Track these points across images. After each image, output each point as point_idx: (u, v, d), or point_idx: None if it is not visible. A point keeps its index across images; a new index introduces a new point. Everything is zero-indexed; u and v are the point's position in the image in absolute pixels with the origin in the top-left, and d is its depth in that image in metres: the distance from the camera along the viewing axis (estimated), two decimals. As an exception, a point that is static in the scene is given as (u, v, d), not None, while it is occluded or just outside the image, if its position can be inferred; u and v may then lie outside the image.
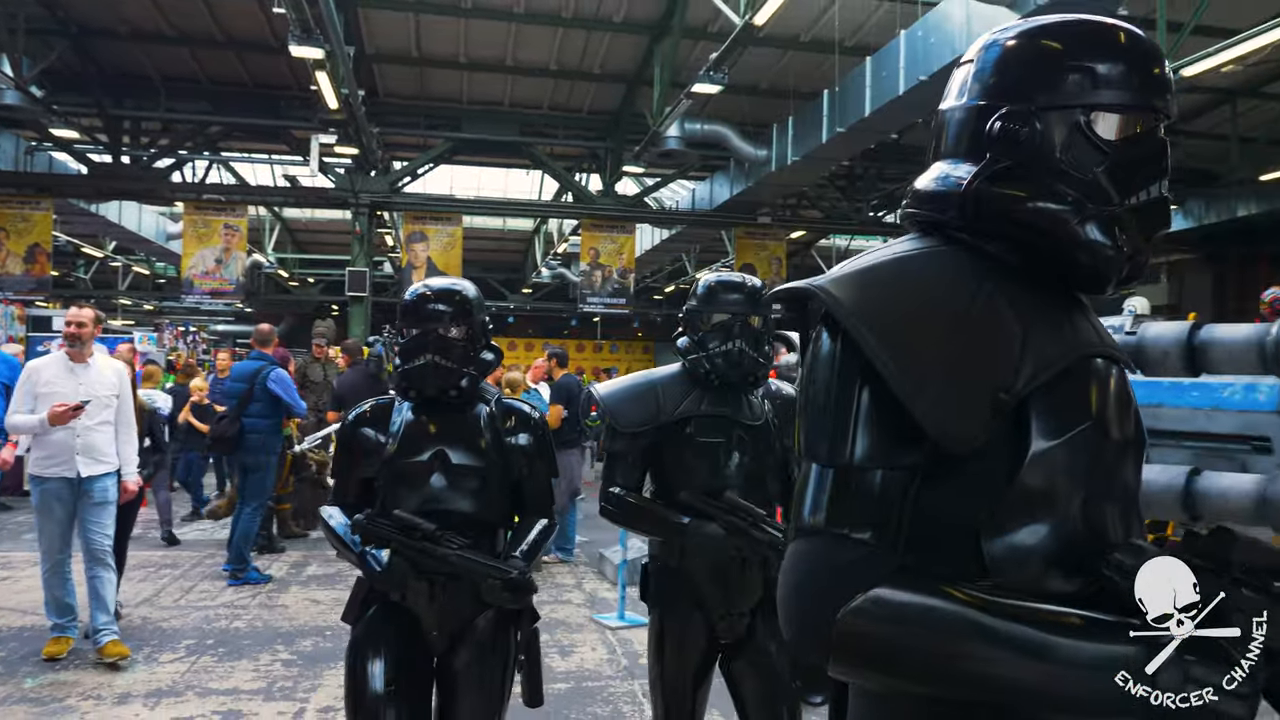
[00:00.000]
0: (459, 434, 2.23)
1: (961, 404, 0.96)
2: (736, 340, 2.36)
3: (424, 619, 2.17)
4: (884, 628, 0.90)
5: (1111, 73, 1.03)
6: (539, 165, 15.63)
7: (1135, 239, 1.04)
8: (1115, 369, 1.09)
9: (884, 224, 17.72)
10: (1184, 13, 9.44)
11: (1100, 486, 1.02)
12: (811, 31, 11.59)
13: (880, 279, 1.04)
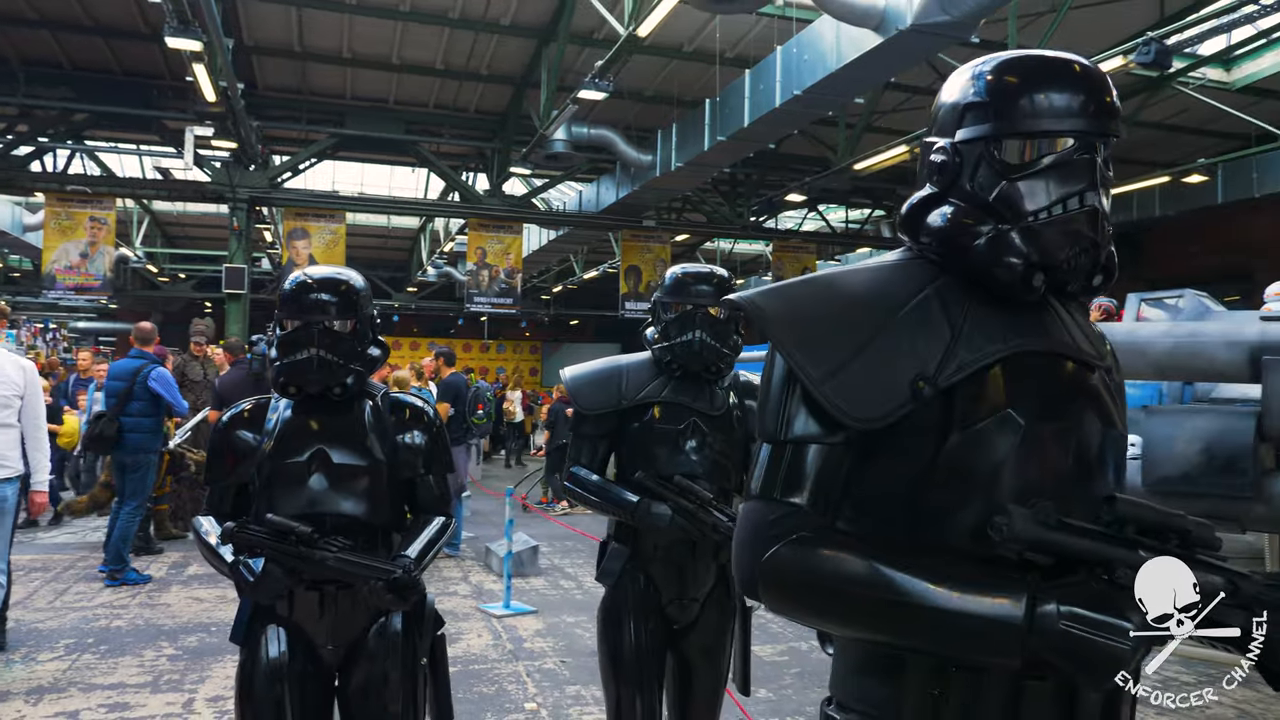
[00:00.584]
0: (342, 432, 2.09)
1: (868, 391, 1.10)
2: (697, 331, 2.39)
3: (315, 633, 2.04)
4: (796, 571, 1.07)
5: (1013, 103, 1.15)
6: (425, 163, 15.57)
7: (1051, 250, 1.13)
8: (1065, 364, 1.18)
9: (765, 229, 18.38)
10: (1033, 39, 10.25)
11: (1017, 467, 1.09)
12: (694, 42, 11.99)
13: (806, 289, 1.21)
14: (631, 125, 14.07)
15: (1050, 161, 1.14)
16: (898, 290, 1.18)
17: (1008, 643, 0.96)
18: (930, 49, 8.70)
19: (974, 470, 1.10)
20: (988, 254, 1.15)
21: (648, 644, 2.37)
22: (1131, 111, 14.15)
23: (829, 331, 1.14)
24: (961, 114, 1.21)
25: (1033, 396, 1.13)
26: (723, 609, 2.44)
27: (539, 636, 5.26)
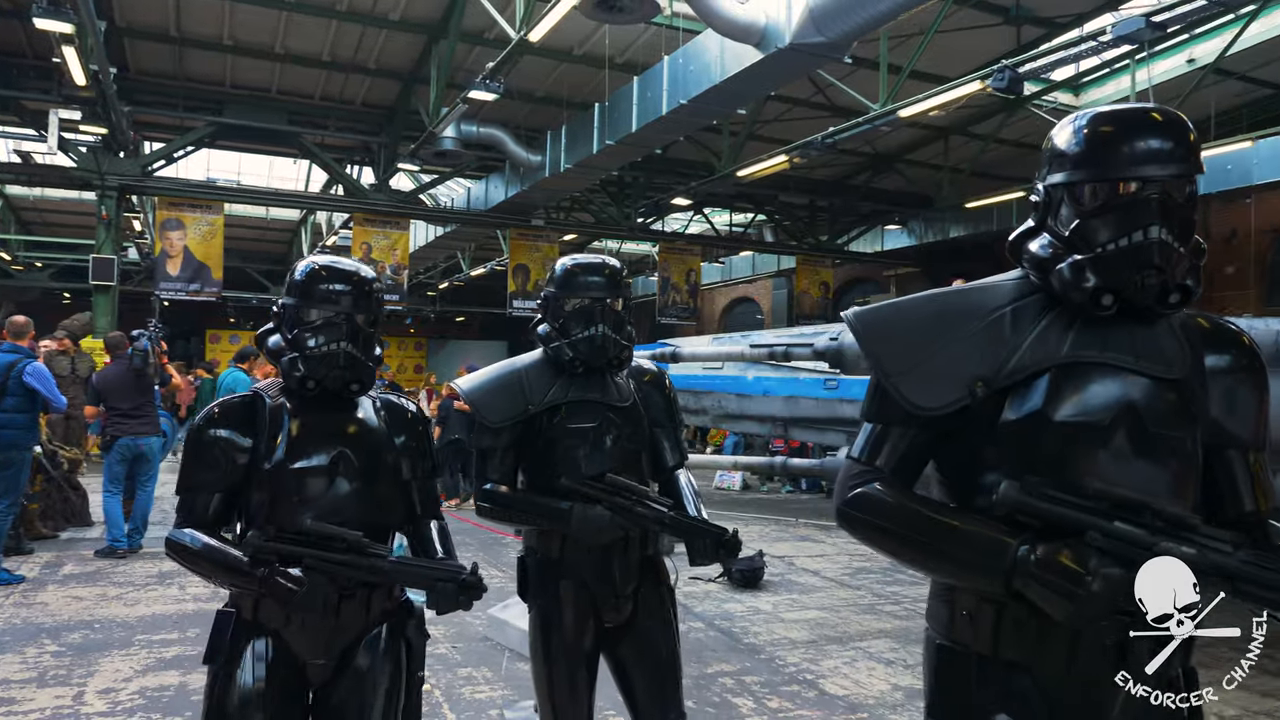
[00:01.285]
0: (358, 433, 2.00)
1: (932, 386, 1.40)
2: (599, 325, 2.32)
3: (307, 648, 1.90)
4: (863, 509, 1.42)
5: (1081, 155, 1.38)
6: (309, 156, 15.27)
7: (1117, 275, 1.34)
8: (1117, 374, 1.37)
9: (651, 230, 18.77)
10: (902, 58, 10.93)
11: (1038, 455, 1.34)
12: (584, 46, 12.23)
13: (895, 306, 1.53)
14: (521, 125, 14.21)
15: (1116, 202, 1.36)
16: (977, 307, 1.46)
17: (995, 572, 1.27)
18: (808, 66, 9.21)
19: (1011, 457, 1.36)
20: (1067, 278, 1.39)
21: (583, 650, 2.31)
22: (991, 130, 15.18)
23: (910, 338, 1.45)
24: (1050, 162, 1.45)
25: (1070, 400, 1.36)
26: (658, 599, 2.38)
27: (430, 625, 5.38)
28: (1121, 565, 1.20)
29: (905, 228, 19.36)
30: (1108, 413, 1.35)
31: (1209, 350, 1.44)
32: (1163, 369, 1.38)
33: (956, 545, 1.33)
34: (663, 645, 2.36)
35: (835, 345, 4.79)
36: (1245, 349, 1.46)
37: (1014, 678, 1.37)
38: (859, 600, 6.17)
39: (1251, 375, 1.45)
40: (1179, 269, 1.35)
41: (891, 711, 4.05)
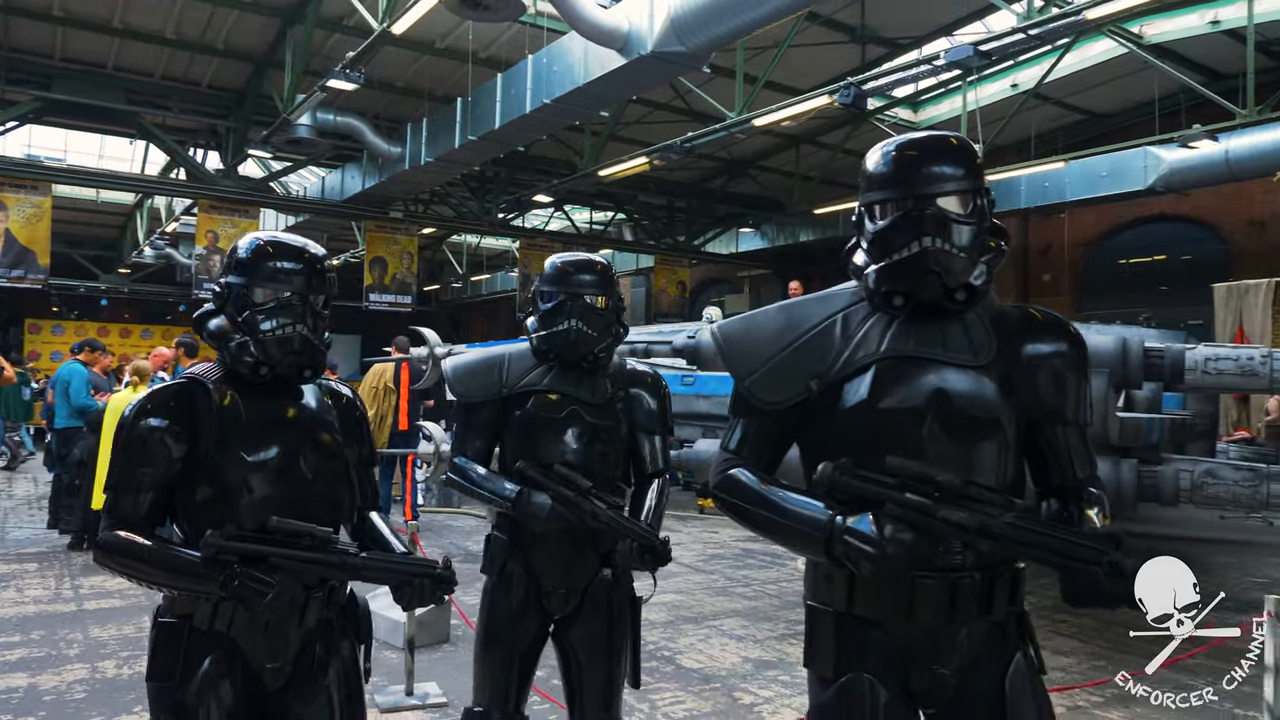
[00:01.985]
0: (312, 422, 1.91)
1: (776, 383, 1.67)
2: (573, 320, 2.37)
3: (268, 653, 1.81)
4: (724, 491, 1.67)
5: (874, 178, 1.63)
6: (147, 136, 14.47)
7: (901, 280, 1.58)
8: (926, 365, 1.58)
9: (512, 226, 18.77)
10: (758, 69, 11.45)
11: (874, 437, 1.55)
12: (447, 40, 12.16)
13: (749, 318, 1.80)
14: (381, 115, 13.96)
15: (896, 218, 1.59)
16: (815, 314, 1.72)
17: (817, 542, 1.51)
18: (669, 73, 9.55)
19: (844, 441, 1.59)
20: (869, 285, 1.65)
21: (524, 631, 2.37)
22: (839, 140, 16.04)
23: (758, 345, 1.72)
24: (860, 184, 1.69)
25: (888, 389, 1.59)
26: (608, 601, 2.40)
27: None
28: (912, 530, 1.44)
29: (758, 231, 20.13)
30: (919, 398, 1.57)
31: (1037, 338, 1.63)
32: (969, 358, 1.59)
33: (791, 520, 1.55)
34: (604, 645, 2.38)
35: (693, 343, 5.07)
36: (1069, 337, 1.66)
37: (869, 632, 1.58)
38: (712, 584, 6.52)
39: (1072, 360, 1.64)
40: (959, 272, 1.56)
41: (741, 680, 4.37)
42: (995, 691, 1.56)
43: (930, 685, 1.59)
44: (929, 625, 1.54)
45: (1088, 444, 1.67)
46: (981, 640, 1.57)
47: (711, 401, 7.52)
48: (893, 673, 1.58)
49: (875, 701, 1.56)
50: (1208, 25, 12.35)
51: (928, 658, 1.57)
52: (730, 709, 3.91)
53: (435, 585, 1.77)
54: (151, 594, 5.69)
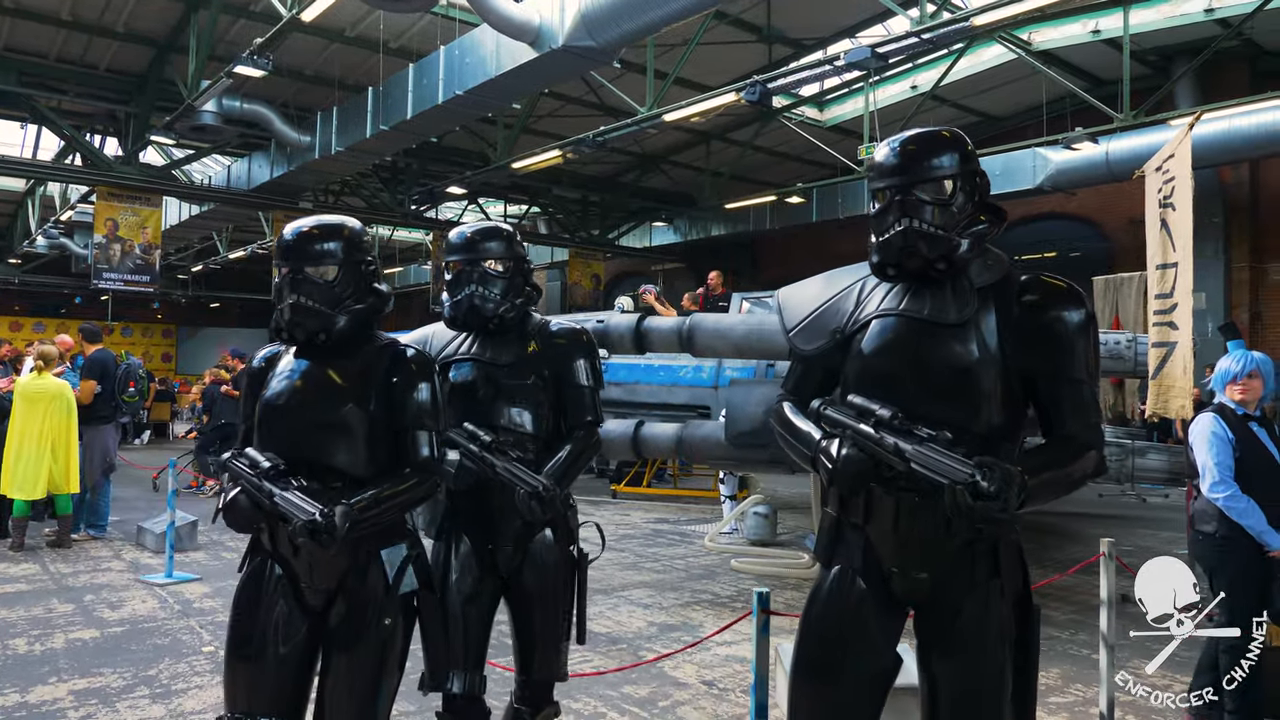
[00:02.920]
0: (329, 380, 2.12)
1: (811, 335, 2.03)
2: (473, 286, 2.44)
3: (299, 573, 2.06)
4: (774, 419, 2.03)
5: (872, 168, 1.91)
6: (41, 120, 13.95)
7: (889, 255, 1.86)
8: (910, 322, 1.88)
9: (425, 218, 18.65)
10: (668, 66, 11.73)
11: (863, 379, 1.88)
12: (357, 28, 12.08)
13: (802, 283, 2.16)
14: (290, 103, 13.77)
15: (883, 204, 1.89)
16: (842, 281, 2.07)
17: (808, 460, 1.86)
18: (579, 67, 9.72)
19: (851, 380, 1.92)
20: (871, 259, 1.94)
21: (464, 590, 2.40)
22: (748, 137, 16.47)
23: (802, 302, 2.09)
24: (868, 174, 1.99)
25: (877, 341, 1.91)
26: (544, 558, 2.43)
27: (207, 598, 5.41)
28: (861, 451, 1.75)
29: (671, 225, 20.47)
30: (899, 349, 1.88)
31: (1034, 302, 1.83)
32: (948, 316, 1.85)
33: (798, 441, 1.93)
34: (542, 600, 2.41)
35: (602, 327, 5.29)
36: (1067, 298, 1.85)
37: (854, 534, 1.92)
38: (623, 560, 6.76)
39: (1067, 323, 1.82)
40: (935, 246, 1.81)
41: (646, 641, 4.62)
42: (959, 606, 1.82)
43: (908, 587, 1.87)
44: (886, 531, 1.86)
45: (1085, 400, 1.82)
46: (952, 558, 1.83)
47: (622, 388, 7.76)
48: (874, 571, 1.89)
49: (853, 587, 1.89)
50: (1089, 34, 13.15)
51: (899, 562, 1.87)
52: (635, 665, 4.14)
53: (305, 532, 1.85)
54: (59, 579, 5.63)
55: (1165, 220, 5.72)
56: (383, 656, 2.04)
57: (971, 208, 1.86)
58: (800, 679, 1.90)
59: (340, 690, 2.02)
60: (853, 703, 1.85)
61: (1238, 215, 14.45)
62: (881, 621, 1.87)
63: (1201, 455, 3.45)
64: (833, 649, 1.86)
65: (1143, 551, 7.39)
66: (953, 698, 1.83)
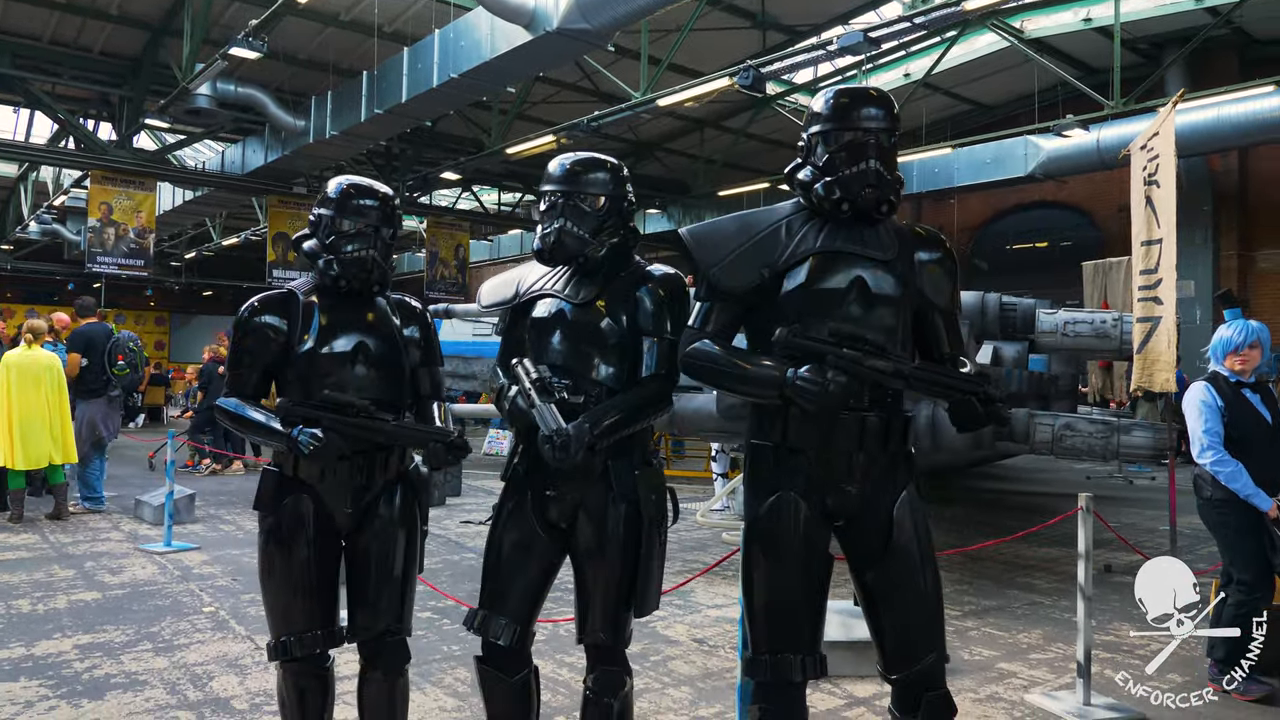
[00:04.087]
0: (375, 326, 2.36)
1: (734, 272, 2.07)
2: (562, 219, 2.30)
3: (336, 500, 2.29)
4: (694, 360, 2.07)
5: (830, 113, 2.05)
6: (35, 104, 13.94)
7: (850, 189, 1.99)
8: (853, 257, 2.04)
9: (419, 205, 18.68)
10: (661, 51, 11.78)
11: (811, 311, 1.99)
12: (352, 12, 12.11)
13: (712, 223, 2.18)
14: (284, 88, 13.78)
15: (850, 143, 2.01)
16: (765, 220, 2.13)
17: (773, 389, 1.94)
18: (574, 51, 9.79)
19: (787, 316, 2.00)
20: (820, 194, 2.04)
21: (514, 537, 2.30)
22: (742, 125, 16.54)
23: (721, 242, 2.11)
24: (810, 120, 2.11)
25: (822, 275, 2.02)
26: (601, 511, 2.25)
27: (206, 565, 5.49)
28: (846, 374, 1.87)
29: (665, 213, 20.53)
30: (844, 282, 2.04)
31: (922, 248, 2.12)
32: (881, 254, 2.07)
33: (751, 373, 2.00)
34: (601, 558, 2.24)
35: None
36: (945, 247, 2.17)
37: (797, 459, 2.04)
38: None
39: (947, 264, 2.15)
40: (887, 189, 2.03)
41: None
42: (887, 510, 2.03)
43: (840, 502, 2.05)
44: (845, 452, 2.01)
45: (958, 330, 2.18)
46: (880, 469, 2.04)
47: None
48: (814, 493, 2.03)
49: (798, 513, 2.02)
50: (1081, 22, 13.26)
51: (840, 479, 2.03)
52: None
53: (448, 450, 2.23)
54: (59, 547, 5.71)
55: (1150, 197, 5.83)
56: (411, 560, 2.37)
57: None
58: (758, 598, 2.07)
59: (387, 591, 2.33)
60: (808, 607, 2.04)
61: (1226, 203, 14.60)
62: (819, 533, 2.06)
63: (1192, 423, 3.55)
64: (783, 567, 2.04)
65: (1128, 529, 7.51)
66: (898, 604, 2.03)
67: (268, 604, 2.31)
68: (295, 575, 2.26)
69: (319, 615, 2.27)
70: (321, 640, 2.27)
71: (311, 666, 2.30)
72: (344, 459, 2.24)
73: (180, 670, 3.59)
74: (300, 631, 2.25)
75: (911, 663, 2.01)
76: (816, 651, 2.04)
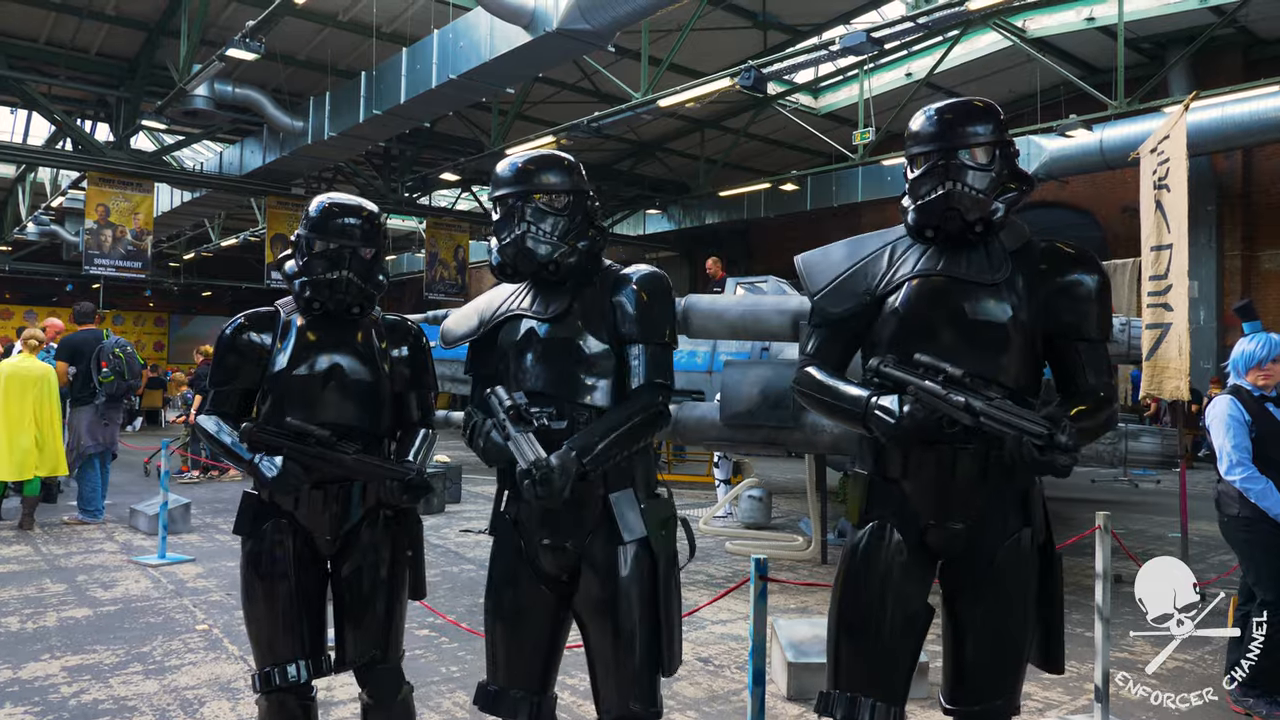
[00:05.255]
0: (352, 349, 2.26)
1: (839, 297, 2.04)
2: (525, 224, 2.02)
3: (315, 527, 2.23)
4: (798, 386, 2.04)
5: (910, 136, 1.98)
6: (32, 105, 13.83)
7: (930, 217, 1.92)
8: (950, 281, 1.94)
9: (419, 205, 18.59)
10: (662, 51, 11.68)
11: (905, 338, 1.92)
12: (350, 13, 12.01)
13: (823, 249, 2.14)
14: (282, 88, 13.67)
15: (925, 167, 1.95)
16: (870, 245, 2.09)
17: (857, 417, 1.88)
18: (574, 51, 9.68)
19: (885, 342, 1.97)
20: (908, 222, 2.00)
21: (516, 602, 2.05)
22: (743, 125, 16.43)
23: (826, 269, 2.09)
24: (905, 141, 2.03)
25: (916, 301, 1.95)
26: (607, 557, 1.97)
27: (200, 578, 5.39)
28: (925, 408, 1.78)
29: (665, 213, 20.45)
30: (942, 308, 1.94)
31: (1053, 267, 1.96)
32: (984, 277, 1.94)
33: (840, 400, 1.94)
34: (598, 615, 1.97)
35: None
36: (1085, 265, 1.97)
37: (890, 489, 1.97)
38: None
39: (1086, 285, 1.96)
40: (976, 209, 1.90)
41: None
42: (991, 553, 1.91)
43: (943, 540, 1.94)
44: (940, 487, 1.90)
45: (1100, 357, 1.98)
46: (985, 508, 1.91)
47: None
48: (910, 525, 1.94)
49: (891, 541, 1.94)
50: (1084, 21, 13.14)
51: (938, 515, 1.92)
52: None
53: (403, 489, 2.13)
54: (51, 559, 5.62)
55: (1160, 202, 5.73)
56: (397, 586, 2.29)
57: (1005, 175, 1.95)
58: (840, 631, 1.97)
59: (369, 619, 2.25)
60: (891, 650, 1.92)
61: (1230, 203, 14.49)
62: (916, 572, 1.94)
63: (1219, 438, 3.44)
64: (870, 601, 1.92)
65: (1136, 535, 7.43)
66: (981, 640, 1.92)
67: (250, 633, 2.25)
68: (276, 604, 2.20)
69: (300, 644, 2.21)
70: (302, 670, 2.20)
71: (294, 696, 2.22)
72: (318, 488, 2.18)
73: (170, 695, 3.49)
74: (283, 661, 2.19)
75: (976, 701, 1.94)
76: (896, 701, 1.90)
